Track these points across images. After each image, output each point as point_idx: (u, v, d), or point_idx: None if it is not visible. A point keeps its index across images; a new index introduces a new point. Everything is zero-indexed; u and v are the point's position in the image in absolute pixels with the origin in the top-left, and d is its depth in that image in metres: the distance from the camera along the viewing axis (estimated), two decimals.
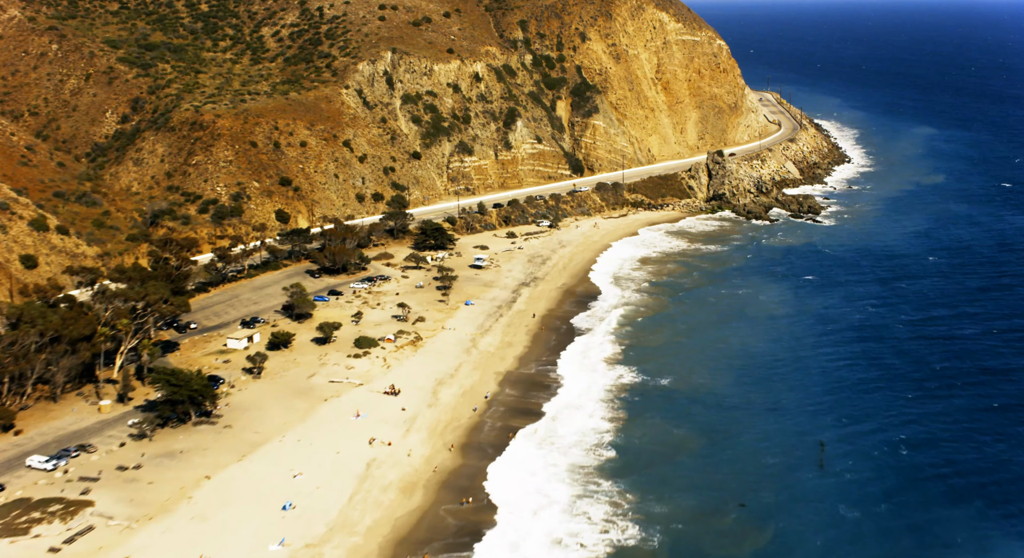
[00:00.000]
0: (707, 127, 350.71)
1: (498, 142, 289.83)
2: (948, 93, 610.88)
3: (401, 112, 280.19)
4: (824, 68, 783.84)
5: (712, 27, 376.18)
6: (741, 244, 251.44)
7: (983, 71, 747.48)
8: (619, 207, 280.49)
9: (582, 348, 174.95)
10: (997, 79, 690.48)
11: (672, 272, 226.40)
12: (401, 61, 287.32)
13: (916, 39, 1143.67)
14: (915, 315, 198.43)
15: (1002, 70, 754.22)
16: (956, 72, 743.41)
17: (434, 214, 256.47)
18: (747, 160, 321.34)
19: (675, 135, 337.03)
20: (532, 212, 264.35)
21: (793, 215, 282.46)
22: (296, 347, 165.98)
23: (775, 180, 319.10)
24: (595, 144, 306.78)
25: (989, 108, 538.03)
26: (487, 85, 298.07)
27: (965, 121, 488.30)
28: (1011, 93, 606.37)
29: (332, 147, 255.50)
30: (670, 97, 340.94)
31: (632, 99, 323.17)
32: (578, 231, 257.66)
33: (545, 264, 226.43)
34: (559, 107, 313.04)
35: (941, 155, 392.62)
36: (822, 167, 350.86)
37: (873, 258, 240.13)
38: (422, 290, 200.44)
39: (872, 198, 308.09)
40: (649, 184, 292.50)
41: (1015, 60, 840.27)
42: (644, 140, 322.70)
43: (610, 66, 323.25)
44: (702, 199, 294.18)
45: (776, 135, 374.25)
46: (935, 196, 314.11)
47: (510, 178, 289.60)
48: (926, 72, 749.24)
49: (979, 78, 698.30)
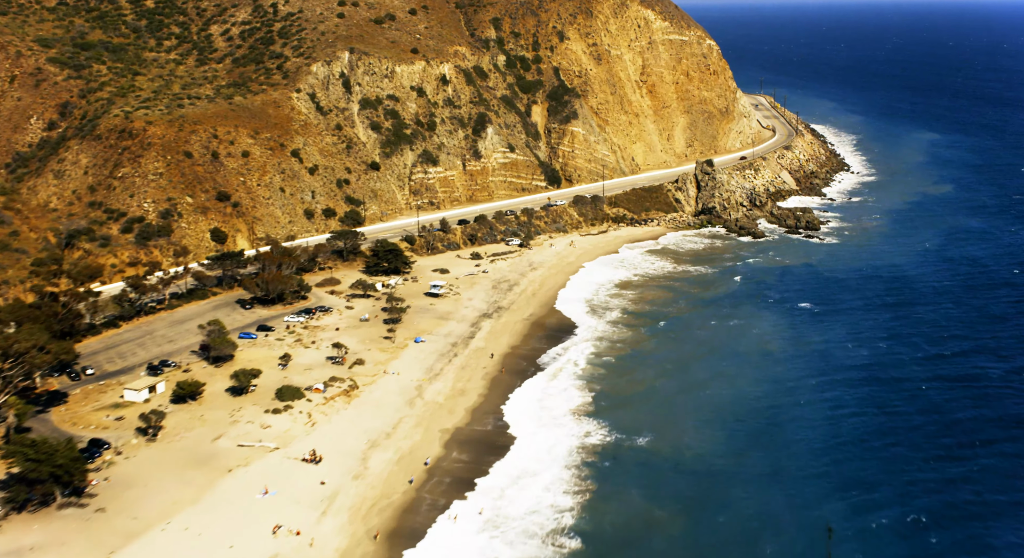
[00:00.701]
0: (696, 133, 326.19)
1: (466, 151, 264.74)
2: (947, 96, 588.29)
3: (359, 118, 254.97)
4: (819, 70, 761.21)
5: (701, 26, 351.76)
6: (732, 265, 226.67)
7: (981, 73, 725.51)
8: (598, 223, 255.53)
9: (546, 396, 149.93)
10: (996, 81, 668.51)
11: (655, 299, 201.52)
12: (360, 62, 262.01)
13: (912, 40, 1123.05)
14: (929, 350, 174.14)
15: (1001, 72, 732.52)
16: (954, 74, 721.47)
17: (392, 232, 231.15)
18: (739, 170, 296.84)
19: (661, 142, 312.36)
20: (501, 229, 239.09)
21: (789, 231, 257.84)
22: (206, 399, 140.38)
23: (769, 192, 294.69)
24: (573, 153, 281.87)
25: (989, 112, 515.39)
26: (455, 88, 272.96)
27: (966, 126, 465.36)
28: (1011, 96, 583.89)
29: (279, 157, 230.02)
30: (656, 101, 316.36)
31: (614, 103, 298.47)
32: (552, 250, 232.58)
33: (512, 291, 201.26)
34: (534, 112, 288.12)
35: (945, 162, 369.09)
36: (820, 177, 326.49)
37: (879, 281, 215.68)
38: (367, 324, 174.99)
39: (875, 211, 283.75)
40: (632, 197, 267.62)
41: (1014, 62, 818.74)
42: (627, 148, 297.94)
43: (590, 68, 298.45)
44: (690, 213, 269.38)
45: (770, 142, 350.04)
46: (943, 209, 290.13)
47: (479, 190, 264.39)
48: (923, 74, 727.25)
49: (978, 81, 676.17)
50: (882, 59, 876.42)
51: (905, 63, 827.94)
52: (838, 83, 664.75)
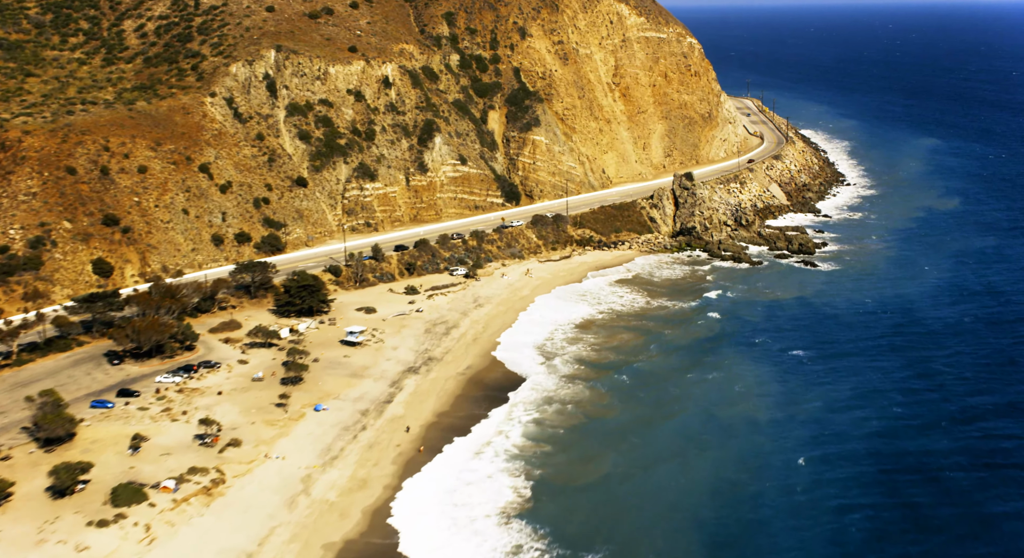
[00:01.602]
0: (675, 142, 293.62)
1: (410, 164, 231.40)
2: (944, 99, 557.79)
3: (285, 126, 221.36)
4: (809, 72, 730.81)
5: (682, 23, 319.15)
6: (714, 299, 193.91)
7: (980, 75, 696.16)
8: (560, 246, 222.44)
9: (465, 485, 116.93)
10: (995, 84, 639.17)
11: (621, 344, 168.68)
12: (288, 62, 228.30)
13: (907, 41, 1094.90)
14: (954, 408, 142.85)
15: (999, 74, 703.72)
16: (950, 76, 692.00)
17: (317, 260, 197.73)
18: (723, 183, 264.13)
19: (636, 152, 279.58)
20: (445, 256, 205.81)
21: (780, 255, 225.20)
22: (15, 504, 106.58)
23: (757, 208, 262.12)
24: (535, 165, 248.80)
25: (990, 116, 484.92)
26: (399, 92, 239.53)
27: (968, 131, 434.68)
28: (1013, 100, 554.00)
29: (184, 173, 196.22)
30: (630, 106, 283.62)
31: (583, 108, 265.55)
32: (504, 281, 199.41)
33: (449, 335, 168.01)
34: (491, 119, 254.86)
35: (948, 172, 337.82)
36: (813, 190, 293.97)
37: (885, 318, 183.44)
38: (259, 385, 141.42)
39: (876, 230, 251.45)
40: (601, 216, 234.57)
41: (1013, 63, 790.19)
42: (597, 159, 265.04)
43: (556, 68, 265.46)
44: (666, 234, 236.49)
45: (758, 150, 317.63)
46: (951, 226, 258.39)
47: (425, 209, 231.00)
48: (919, 76, 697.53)
49: (976, 83, 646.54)
50: (875, 60, 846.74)
51: (899, 64, 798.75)
52: (829, 85, 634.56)
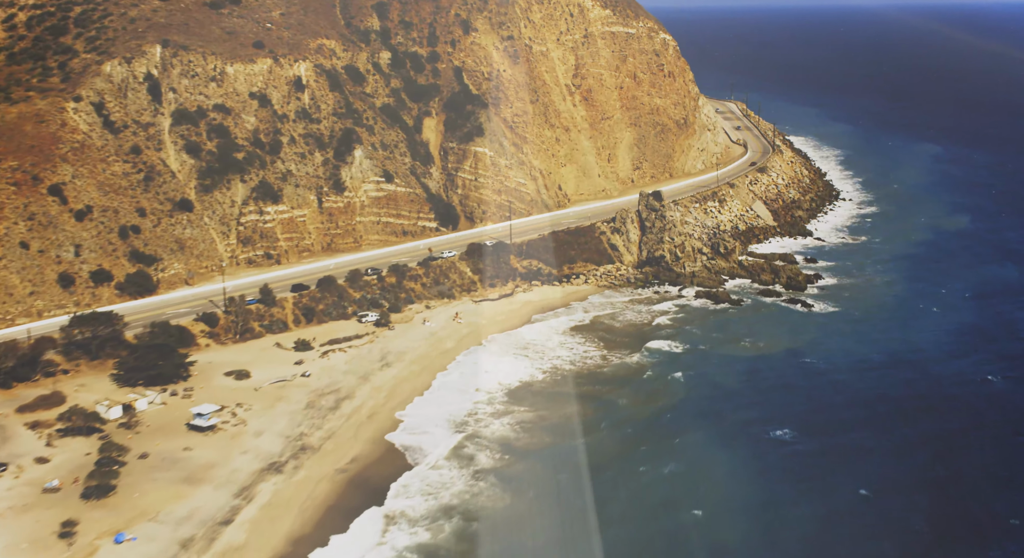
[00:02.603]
0: (645, 152, 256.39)
1: (324, 181, 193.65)
2: (943, 102, 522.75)
3: (170, 137, 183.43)
4: (799, 73, 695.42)
5: (654, 17, 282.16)
6: (683, 354, 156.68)
7: (978, 76, 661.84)
8: (501, 282, 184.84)
9: None
10: (995, 86, 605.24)
11: (563, 420, 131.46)
12: (177, 59, 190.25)
13: (902, 42, 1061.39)
14: (999, 537, 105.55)
15: (1001, 76, 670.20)
16: (948, 77, 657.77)
17: (196, 303, 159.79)
18: (698, 202, 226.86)
19: (600, 164, 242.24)
20: (356, 297, 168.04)
21: (764, 291, 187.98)
22: None
23: (739, 230, 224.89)
24: (477, 182, 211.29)
25: (996, 122, 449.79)
26: (314, 95, 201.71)
27: (971, 137, 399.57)
28: (1012, 101, 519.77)
29: (27, 196, 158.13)
30: (593, 111, 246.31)
31: (536, 115, 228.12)
32: (425, 329, 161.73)
33: (338, 410, 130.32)
34: (426, 127, 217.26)
35: (955, 184, 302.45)
36: (804, 207, 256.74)
37: (897, 381, 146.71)
38: (50, 499, 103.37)
39: (879, 258, 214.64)
40: (552, 243, 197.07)
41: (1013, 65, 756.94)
42: (553, 173, 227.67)
43: (505, 68, 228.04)
44: (630, 264, 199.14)
45: (741, 161, 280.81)
46: (965, 250, 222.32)
47: (341, 236, 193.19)
48: (918, 79, 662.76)
49: (975, 84, 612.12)
50: (870, 61, 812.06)
51: (894, 65, 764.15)
52: (820, 87, 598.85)
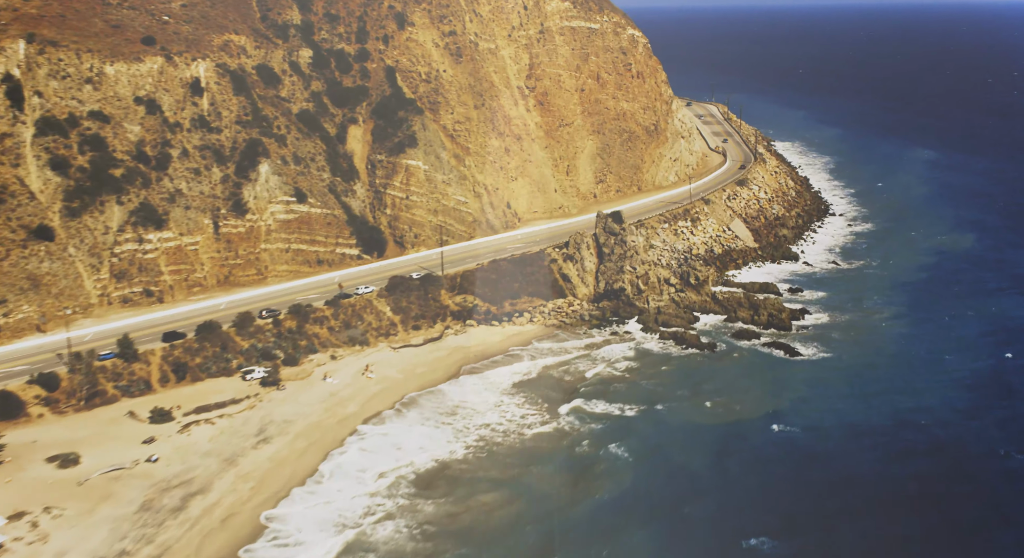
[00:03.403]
0: (610, 163, 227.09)
1: (223, 202, 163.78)
2: (938, 103, 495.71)
3: (32, 150, 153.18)
4: (786, 73, 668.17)
5: (621, 10, 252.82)
6: (636, 419, 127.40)
7: (975, 76, 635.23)
8: (429, 323, 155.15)
9: None
10: (996, 88, 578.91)
11: (475, 521, 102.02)
12: (44, 58, 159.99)
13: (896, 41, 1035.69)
14: None
15: (1000, 76, 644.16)
16: (944, 78, 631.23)
17: (38, 359, 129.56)
18: (667, 221, 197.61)
19: (557, 178, 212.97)
20: (244, 346, 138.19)
21: (742, 332, 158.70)
22: None
23: (713, 254, 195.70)
24: (409, 200, 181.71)
25: (996, 125, 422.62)
26: (215, 100, 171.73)
27: (970, 141, 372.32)
28: (1018, 105, 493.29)
29: None
30: (549, 117, 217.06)
31: (482, 121, 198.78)
32: (324, 388, 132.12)
33: (183, 511, 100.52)
34: (351, 137, 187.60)
35: (955, 195, 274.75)
36: (789, 225, 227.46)
37: (901, 455, 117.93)
38: None
39: (877, 288, 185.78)
40: (492, 274, 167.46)
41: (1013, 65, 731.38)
42: (501, 189, 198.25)
43: (446, 68, 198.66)
44: (585, 298, 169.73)
45: (719, 172, 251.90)
46: (974, 277, 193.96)
47: (241, 267, 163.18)
48: (912, 79, 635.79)
49: (973, 86, 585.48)
50: (861, 61, 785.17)
51: (887, 66, 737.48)
52: (809, 88, 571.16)
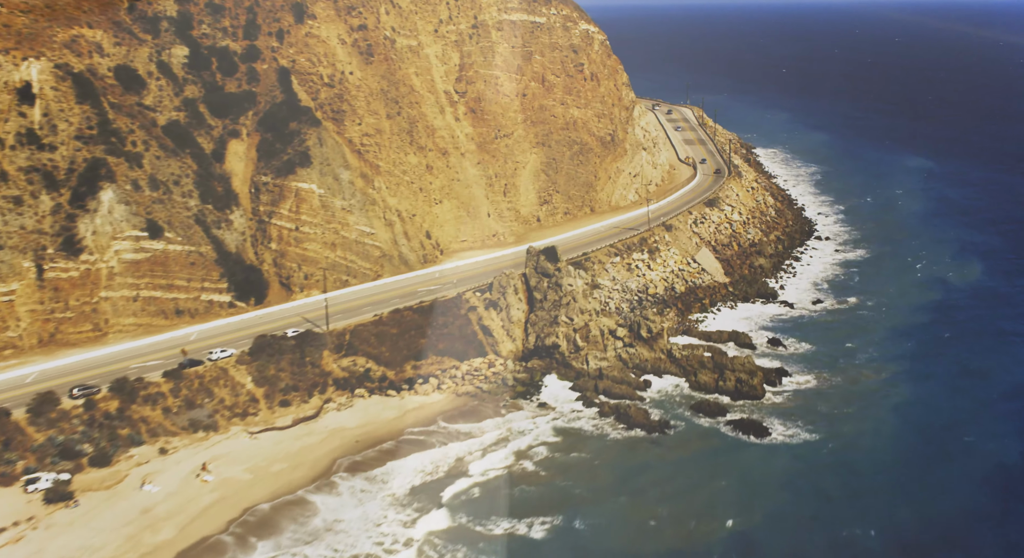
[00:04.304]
0: (557, 180, 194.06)
1: (51, 238, 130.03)
2: (933, 106, 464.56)
3: None
4: (771, 73, 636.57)
5: (573, 2, 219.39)
6: (556, 547, 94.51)
7: (974, 77, 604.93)
8: (303, 396, 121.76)
9: None
10: (997, 90, 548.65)
11: None
12: None
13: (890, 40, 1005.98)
14: None
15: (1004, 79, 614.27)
16: (942, 78, 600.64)
17: None
18: (619, 254, 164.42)
19: (492, 199, 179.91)
20: (38, 441, 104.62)
21: (702, 405, 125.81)
22: None
23: (675, 293, 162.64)
24: (300, 232, 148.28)
25: (993, 130, 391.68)
26: (49, 110, 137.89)
27: (966, 147, 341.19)
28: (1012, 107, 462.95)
29: None
30: (484, 127, 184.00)
31: (398, 133, 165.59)
32: (136, 500, 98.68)
33: None
34: (232, 154, 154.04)
35: (953, 211, 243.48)
36: (767, 253, 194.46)
37: None
38: None
39: (873, 338, 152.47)
40: (393, 327, 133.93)
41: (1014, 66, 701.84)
42: (420, 215, 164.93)
43: (354, 69, 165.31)
44: (510, 356, 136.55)
45: (686, 189, 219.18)
46: (988, 322, 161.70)
47: (72, 322, 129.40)
48: (905, 79, 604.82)
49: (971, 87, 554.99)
50: (852, 61, 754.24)
51: (880, 65, 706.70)
52: (796, 89, 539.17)
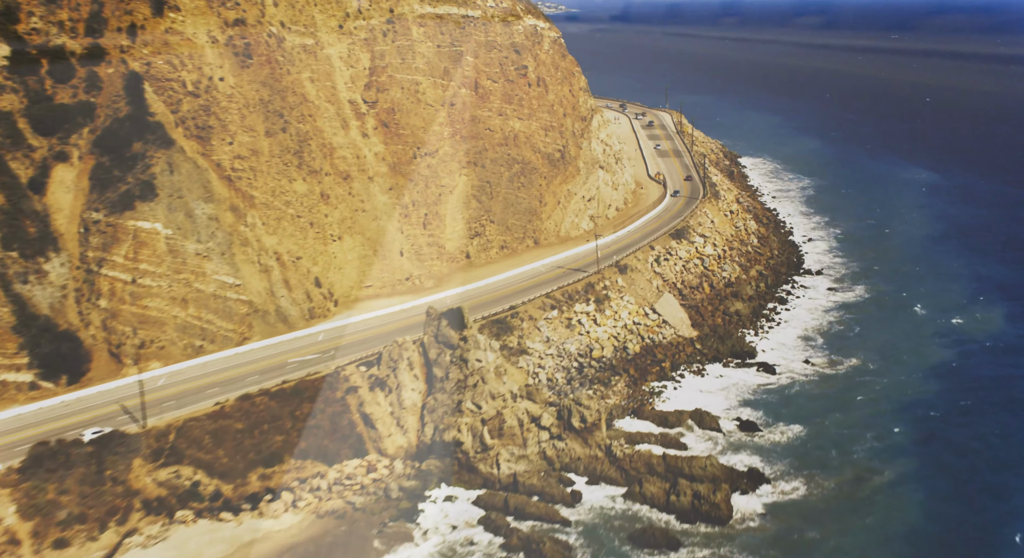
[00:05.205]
0: (492, 208, 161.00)
1: None
2: (933, 108, 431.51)
3: None
4: (762, 71, 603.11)
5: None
6: None
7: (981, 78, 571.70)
8: (95, 527, 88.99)
9: None
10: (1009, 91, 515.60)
11: None
12: None
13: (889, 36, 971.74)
14: None
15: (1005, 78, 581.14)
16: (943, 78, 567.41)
17: None
18: (555, 307, 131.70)
19: (407, 233, 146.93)
20: None
21: (647, 535, 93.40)
22: None
23: (626, 356, 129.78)
24: (140, 285, 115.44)
25: (999, 134, 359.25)
26: None
27: (972, 154, 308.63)
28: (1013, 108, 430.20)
29: None
30: (399, 144, 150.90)
31: (281, 154, 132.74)
32: None
33: None
34: (56, 183, 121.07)
35: (963, 235, 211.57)
36: (746, 295, 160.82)
37: None
38: None
39: (875, 417, 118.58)
40: (239, 420, 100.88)
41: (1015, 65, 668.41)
42: (309, 257, 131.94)
43: (225, 75, 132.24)
44: (399, 455, 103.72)
45: (650, 215, 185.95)
46: (1006, 382, 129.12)
47: None
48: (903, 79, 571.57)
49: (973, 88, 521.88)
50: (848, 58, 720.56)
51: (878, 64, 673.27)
52: (789, 90, 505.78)
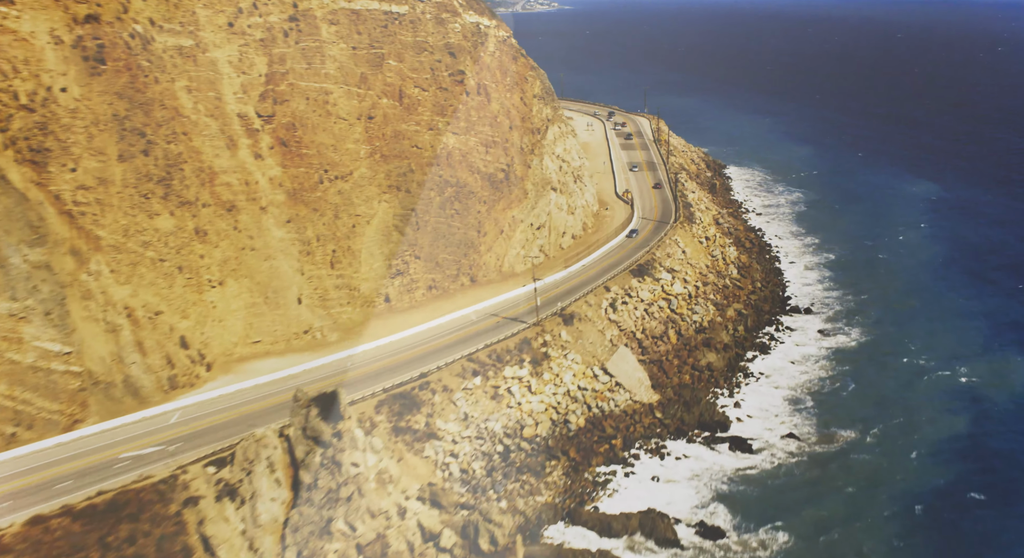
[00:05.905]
0: (418, 241, 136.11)
1: None
2: (934, 111, 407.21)
3: None
4: (757, 70, 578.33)
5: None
6: None
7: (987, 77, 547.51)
8: None
9: None
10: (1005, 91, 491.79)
11: None
12: None
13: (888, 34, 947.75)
14: None
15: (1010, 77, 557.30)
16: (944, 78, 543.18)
17: None
18: (478, 372, 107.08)
19: (307, 275, 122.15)
20: None
21: None
22: None
23: (567, 434, 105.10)
24: None
25: (1002, 137, 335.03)
26: None
27: (977, 163, 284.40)
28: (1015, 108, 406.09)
29: None
30: (301, 167, 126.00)
31: (136, 183, 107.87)
32: None
33: None
34: None
35: (972, 263, 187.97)
36: (720, 344, 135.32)
37: None
38: None
39: (875, 521, 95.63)
40: (25, 552, 76.19)
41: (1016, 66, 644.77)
42: (179, 312, 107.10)
43: (69, 83, 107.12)
44: None
45: (609, 246, 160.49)
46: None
47: None
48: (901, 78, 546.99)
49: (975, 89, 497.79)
50: (844, 56, 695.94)
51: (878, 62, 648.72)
52: (783, 90, 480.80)
